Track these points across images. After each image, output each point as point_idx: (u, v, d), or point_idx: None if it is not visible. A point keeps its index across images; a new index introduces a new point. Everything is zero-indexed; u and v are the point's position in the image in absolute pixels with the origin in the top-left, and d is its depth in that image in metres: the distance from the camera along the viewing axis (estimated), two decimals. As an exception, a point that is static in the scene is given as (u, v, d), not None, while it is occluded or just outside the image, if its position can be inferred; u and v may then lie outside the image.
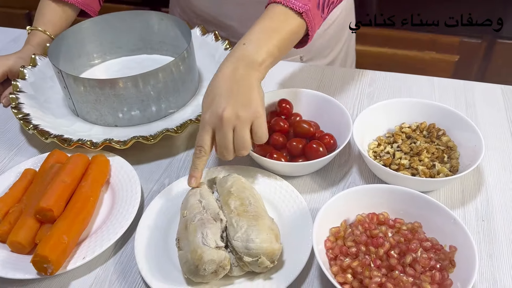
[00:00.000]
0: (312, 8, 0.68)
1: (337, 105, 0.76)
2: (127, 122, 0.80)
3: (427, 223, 0.61)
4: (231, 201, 0.61)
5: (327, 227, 0.61)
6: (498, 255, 0.62)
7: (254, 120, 0.62)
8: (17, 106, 0.81)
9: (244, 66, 0.64)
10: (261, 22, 0.67)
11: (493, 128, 0.81)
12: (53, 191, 0.64)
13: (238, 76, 0.63)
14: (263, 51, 0.65)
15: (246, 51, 0.64)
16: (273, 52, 0.66)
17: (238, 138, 0.62)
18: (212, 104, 0.62)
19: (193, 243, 0.56)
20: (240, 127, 0.61)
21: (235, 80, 0.63)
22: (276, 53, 0.66)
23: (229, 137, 0.62)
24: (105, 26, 0.93)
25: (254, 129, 0.63)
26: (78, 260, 0.60)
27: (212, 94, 0.63)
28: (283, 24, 0.67)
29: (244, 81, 0.63)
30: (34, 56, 0.91)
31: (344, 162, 0.76)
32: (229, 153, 0.63)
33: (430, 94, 0.89)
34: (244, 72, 0.63)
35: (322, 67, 0.98)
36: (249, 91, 0.63)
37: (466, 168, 0.67)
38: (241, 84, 0.63)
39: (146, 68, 0.76)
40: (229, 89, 0.62)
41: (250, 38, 0.66)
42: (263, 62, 0.65)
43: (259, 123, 0.62)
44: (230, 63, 0.64)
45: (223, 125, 0.61)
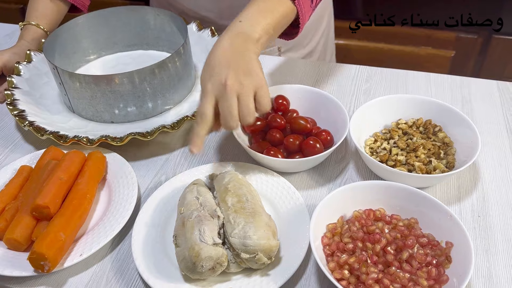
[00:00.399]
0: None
1: (334, 101, 0.76)
2: (123, 119, 0.80)
3: (423, 219, 0.61)
4: (228, 198, 0.61)
5: (324, 223, 0.61)
6: (494, 250, 0.62)
7: (257, 89, 0.62)
8: (12, 102, 0.80)
9: (242, 41, 0.65)
10: (256, 2, 0.69)
11: (489, 125, 0.81)
12: (50, 188, 0.63)
13: (236, 49, 0.64)
14: (259, 28, 0.66)
15: (242, 28, 0.66)
16: (268, 30, 0.67)
17: (243, 105, 0.61)
18: (213, 74, 0.62)
19: (190, 240, 0.56)
20: (244, 95, 0.61)
21: (234, 52, 0.63)
22: (271, 31, 0.68)
23: (234, 103, 0.61)
24: (100, 21, 0.92)
25: (257, 99, 0.63)
26: (75, 257, 0.60)
27: (211, 65, 0.63)
28: (276, 6, 0.69)
29: (243, 53, 0.64)
30: (29, 52, 0.90)
31: (341, 158, 0.76)
32: (234, 120, 0.62)
33: (426, 90, 0.90)
34: (242, 46, 0.64)
35: (319, 63, 0.98)
36: (249, 62, 0.63)
37: (462, 164, 0.67)
38: (240, 56, 0.63)
39: (142, 64, 0.76)
40: (229, 60, 0.63)
41: (246, 16, 0.67)
42: (260, 38, 0.66)
43: (262, 92, 0.63)
44: (228, 37, 0.65)
45: (227, 92, 0.60)
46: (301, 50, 1.08)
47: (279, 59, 1.00)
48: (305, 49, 1.09)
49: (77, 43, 0.92)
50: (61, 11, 0.99)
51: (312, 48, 1.11)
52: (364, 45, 1.67)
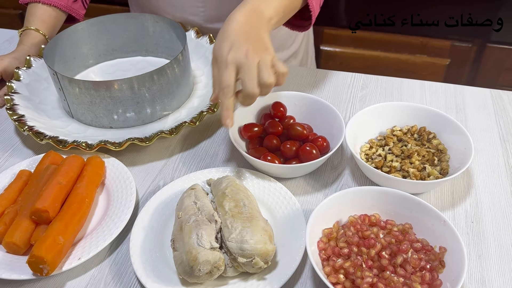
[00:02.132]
0: None
1: (330, 108, 0.78)
2: (122, 124, 0.81)
3: (417, 225, 0.62)
4: (226, 202, 0.62)
5: (320, 228, 0.62)
6: (486, 256, 0.63)
7: (273, 63, 0.65)
8: (12, 107, 0.81)
9: (256, 18, 0.67)
10: None
11: (483, 132, 0.83)
12: (49, 193, 0.64)
13: (252, 25, 0.66)
14: (271, 8, 0.69)
15: (257, 5, 0.68)
16: (279, 12, 0.71)
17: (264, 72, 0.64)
18: (234, 47, 0.64)
19: (188, 244, 0.57)
20: (264, 61, 0.64)
21: (251, 28, 0.66)
22: (281, 13, 0.72)
23: (256, 70, 0.64)
24: (100, 28, 0.94)
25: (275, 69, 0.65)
26: (74, 260, 0.60)
27: (231, 38, 0.65)
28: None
29: (259, 29, 0.67)
30: (29, 57, 0.91)
31: (337, 164, 0.77)
32: (257, 86, 0.64)
33: (421, 97, 0.91)
34: (256, 22, 0.67)
35: (316, 70, 0.99)
36: (264, 39, 0.66)
37: (456, 170, 0.68)
38: (256, 31, 0.66)
39: (141, 70, 0.77)
40: (247, 33, 0.65)
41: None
42: (271, 18, 0.70)
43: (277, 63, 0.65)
44: (243, 12, 0.67)
45: (250, 60, 0.63)
46: (285, 51, 1.11)
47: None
48: (289, 50, 1.12)
49: (76, 49, 0.93)
50: (58, 18, 1.00)
51: (296, 49, 1.14)
52: (360, 53, 1.69)
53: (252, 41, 0.64)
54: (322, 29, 1.67)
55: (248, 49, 0.63)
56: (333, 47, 1.71)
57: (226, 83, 0.64)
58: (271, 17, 0.69)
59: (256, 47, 0.64)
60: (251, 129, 0.77)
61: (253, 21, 0.67)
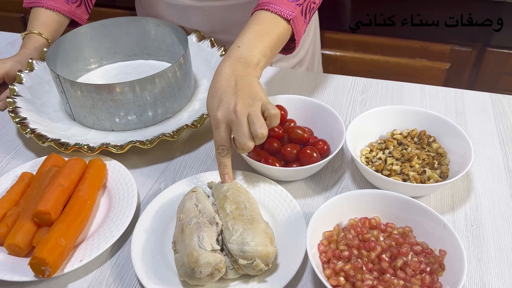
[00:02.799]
0: (297, 15, 0.74)
1: (330, 111, 0.78)
2: (123, 127, 0.81)
3: (417, 228, 0.62)
4: (227, 205, 0.62)
5: (321, 231, 0.62)
6: (486, 259, 0.63)
7: (264, 109, 0.65)
8: (14, 110, 0.82)
9: (242, 66, 0.68)
10: (252, 26, 0.72)
11: (482, 136, 0.83)
12: (51, 195, 0.64)
13: (239, 75, 0.67)
14: (257, 52, 0.70)
15: (241, 53, 0.69)
16: (266, 53, 0.71)
17: (254, 123, 0.64)
18: (222, 103, 0.65)
19: (189, 246, 0.57)
20: (254, 115, 0.64)
21: (237, 77, 0.67)
22: (268, 54, 0.72)
23: (246, 125, 0.64)
24: (102, 31, 0.94)
25: (266, 114, 0.66)
26: (75, 262, 0.61)
27: (218, 94, 0.66)
28: (272, 28, 0.72)
29: (245, 77, 0.67)
30: (31, 60, 0.91)
31: (337, 167, 0.77)
32: (250, 140, 0.65)
33: (421, 101, 0.91)
34: (243, 71, 0.68)
35: (317, 74, 1.00)
36: (252, 86, 0.67)
37: (455, 174, 0.68)
38: (243, 81, 0.67)
39: (142, 73, 0.77)
40: (233, 86, 0.66)
41: (243, 41, 0.70)
42: (258, 62, 0.70)
43: (269, 107, 0.65)
44: (228, 64, 0.68)
45: (238, 116, 0.64)
46: (291, 60, 1.12)
47: (277, 70, 1.01)
48: (295, 58, 1.12)
49: (78, 52, 0.93)
50: (62, 22, 1.01)
51: (302, 57, 1.14)
52: (361, 57, 1.69)
53: (240, 93, 0.65)
54: (323, 33, 1.68)
55: (236, 104, 0.64)
56: (333, 51, 1.72)
57: (219, 143, 0.66)
58: (258, 61, 0.69)
59: (245, 99, 0.64)
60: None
61: (240, 70, 0.67)
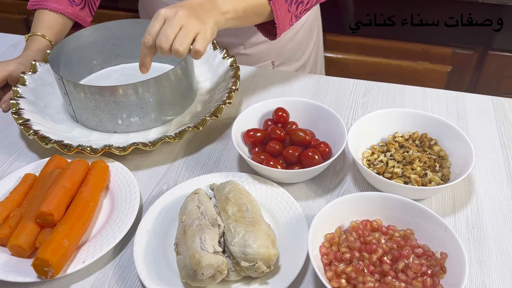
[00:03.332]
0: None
1: (332, 114, 0.78)
2: (126, 129, 0.82)
3: (419, 230, 0.63)
4: (229, 207, 0.62)
5: (322, 233, 0.63)
6: (487, 261, 0.63)
7: (199, 32, 0.68)
8: (17, 111, 0.82)
9: (210, 5, 0.70)
10: None
11: (484, 139, 0.83)
12: (54, 196, 0.65)
13: (202, 7, 0.70)
14: (229, 4, 0.72)
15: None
16: (238, 10, 0.73)
17: (181, 34, 0.66)
18: (174, 6, 0.68)
19: (191, 248, 0.57)
20: (187, 27, 0.67)
21: (199, 8, 0.70)
22: (240, 12, 0.74)
23: (175, 30, 0.66)
24: (105, 33, 0.95)
25: (196, 37, 0.68)
26: (78, 263, 0.61)
27: (175, 5, 0.69)
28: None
29: (205, 13, 0.70)
30: (35, 62, 0.92)
31: (339, 170, 0.78)
32: (168, 44, 0.67)
33: (422, 104, 0.92)
34: (208, 8, 0.70)
35: (318, 77, 1.00)
36: (206, 19, 0.69)
37: (457, 177, 0.69)
38: (202, 12, 0.69)
39: (145, 75, 0.78)
40: (190, 7, 0.69)
41: None
42: (226, 12, 0.72)
43: (203, 36, 0.68)
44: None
45: (175, 18, 0.66)
46: (294, 64, 1.12)
47: (279, 73, 1.02)
48: (298, 62, 1.12)
49: (81, 54, 0.94)
50: (65, 24, 1.01)
51: (305, 61, 1.14)
52: (362, 59, 1.70)
53: (192, 12, 0.67)
54: (324, 36, 1.68)
55: (182, 12, 0.66)
56: (335, 54, 1.72)
57: (149, 31, 0.68)
58: (226, 11, 0.72)
59: (191, 14, 0.67)
60: (254, 134, 0.78)
61: (206, 5, 0.70)
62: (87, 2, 1.03)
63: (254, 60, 1.09)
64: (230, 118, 0.89)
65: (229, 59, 0.93)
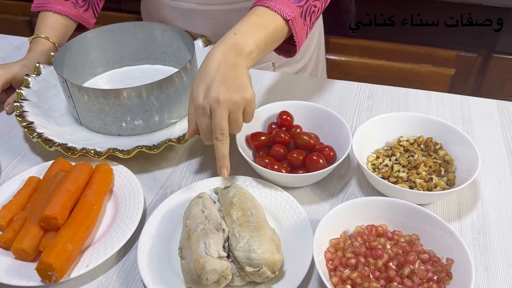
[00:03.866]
0: (297, 16, 0.74)
1: (336, 118, 0.78)
2: (130, 132, 0.81)
3: (424, 236, 0.62)
4: (233, 211, 0.62)
5: (327, 238, 0.62)
6: (493, 267, 0.63)
7: (246, 106, 0.67)
8: (21, 114, 0.82)
9: (235, 54, 0.68)
10: (250, 17, 0.72)
11: (489, 143, 0.83)
12: (58, 200, 0.64)
13: (229, 62, 0.67)
14: (252, 42, 0.70)
15: (236, 40, 0.69)
16: (260, 45, 0.71)
17: (232, 119, 0.67)
18: (209, 90, 0.65)
19: (195, 252, 0.57)
20: (234, 111, 0.66)
21: (227, 65, 0.67)
22: (262, 46, 0.72)
23: (225, 118, 0.66)
24: (109, 36, 0.95)
25: (244, 114, 0.69)
26: (82, 268, 0.61)
27: (207, 80, 0.66)
28: (270, 22, 0.72)
29: (235, 67, 0.68)
30: (39, 64, 0.92)
31: (344, 174, 0.77)
32: (225, 132, 0.66)
33: (427, 108, 0.91)
34: (234, 59, 0.68)
35: (322, 80, 1.00)
36: (240, 77, 0.67)
37: (462, 181, 0.68)
38: (233, 70, 0.67)
39: (149, 78, 0.78)
40: (222, 74, 0.66)
41: (239, 30, 0.71)
42: (251, 52, 0.70)
43: (249, 109, 0.68)
44: (221, 50, 0.68)
45: (220, 107, 0.65)
46: (295, 65, 1.12)
47: (283, 76, 1.02)
48: (298, 64, 1.12)
49: (85, 57, 0.94)
50: (69, 26, 1.01)
51: (305, 63, 1.14)
52: (366, 62, 1.69)
53: (227, 82, 0.66)
54: (328, 38, 1.68)
55: (220, 92, 0.64)
56: (338, 56, 1.72)
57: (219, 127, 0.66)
58: (251, 51, 0.70)
59: (231, 90, 0.65)
60: (258, 138, 0.77)
61: (231, 58, 0.67)
62: (90, 3, 1.03)
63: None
64: (234, 121, 0.89)
65: (233, 62, 0.93)
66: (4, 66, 0.92)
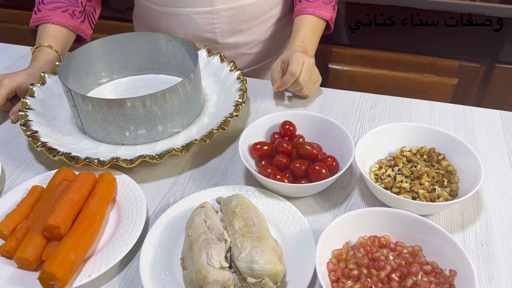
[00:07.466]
0: (332, 14, 1.03)
1: (339, 128, 0.78)
2: (133, 141, 0.82)
3: (427, 247, 0.62)
4: (236, 221, 0.62)
5: (330, 249, 0.62)
6: (497, 279, 0.63)
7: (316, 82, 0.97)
8: (26, 123, 0.83)
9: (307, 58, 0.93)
10: (308, 26, 0.99)
11: (492, 154, 0.83)
12: (61, 209, 0.65)
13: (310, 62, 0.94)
14: (313, 46, 1.00)
15: (305, 47, 0.97)
16: (316, 45, 1.01)
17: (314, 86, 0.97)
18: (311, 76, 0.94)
19: (197, 263, 0.57)
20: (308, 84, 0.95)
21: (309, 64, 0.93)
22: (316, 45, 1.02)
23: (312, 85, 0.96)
24: (114, 46, 0.95)
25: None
26: (84, 277, 0.61)
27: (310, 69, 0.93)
28: (319, 28, 1.02)
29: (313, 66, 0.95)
30: (43, 74, 0.93)
31: (346, 184, 0.77)
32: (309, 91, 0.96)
33: (430, 118, 0.91)
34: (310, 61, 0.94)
35: (325, 90, 1.00)
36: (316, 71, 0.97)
37: (465, 192, 0.68)
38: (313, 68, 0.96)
39: (152, 88, 0.78)
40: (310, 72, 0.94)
41: (305, 38, 0.98)
42: (313, 53, 1.00)
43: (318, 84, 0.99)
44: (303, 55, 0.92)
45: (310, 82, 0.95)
46: None
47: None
48: None
49: (90, 66, 0.95)
50: (69, 36, 1.03)
51: None
52: (368, 71, 1.70)
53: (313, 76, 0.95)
54: (330, 48, 1.69)
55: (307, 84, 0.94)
56: (341, 66, 1.72)
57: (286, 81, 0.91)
58: (312, 53, 1.00)
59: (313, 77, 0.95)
60: (261, 147, 0.77)
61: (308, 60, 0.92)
62: (86, 15, 1.05)
63: (259, 58, 1.15)
64: (237, 130, 0.89)
65: (236, 72, 0.94)
66: (9, 75, 0.93)
